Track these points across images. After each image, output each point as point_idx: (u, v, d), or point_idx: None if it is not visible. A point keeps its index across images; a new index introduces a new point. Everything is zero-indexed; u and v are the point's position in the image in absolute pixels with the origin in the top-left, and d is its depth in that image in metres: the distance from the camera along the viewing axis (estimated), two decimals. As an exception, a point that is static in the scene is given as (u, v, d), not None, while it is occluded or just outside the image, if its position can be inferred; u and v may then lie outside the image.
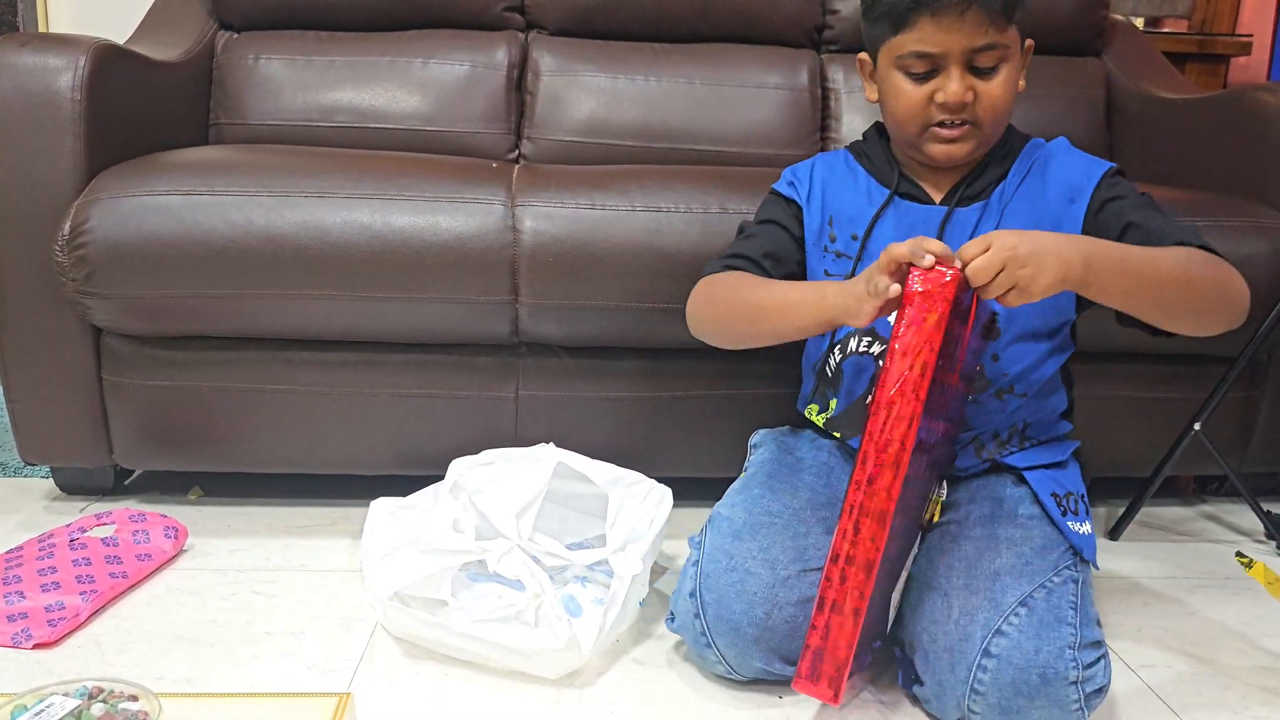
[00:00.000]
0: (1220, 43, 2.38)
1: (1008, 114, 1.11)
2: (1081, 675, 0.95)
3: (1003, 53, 1.07)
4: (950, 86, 1.06)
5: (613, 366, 1.46)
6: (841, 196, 1.20)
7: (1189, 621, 1.28)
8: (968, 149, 1.10)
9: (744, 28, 1.93)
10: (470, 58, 1.86)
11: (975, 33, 1.05)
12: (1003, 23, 1.06)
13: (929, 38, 1.06)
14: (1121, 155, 1.92)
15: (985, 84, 1.08)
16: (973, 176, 1.15)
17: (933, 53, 1.06)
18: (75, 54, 1.37)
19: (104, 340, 1.42)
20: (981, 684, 0.96)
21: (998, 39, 1.06)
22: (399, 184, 1.37)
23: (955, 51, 1.06)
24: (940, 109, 1.08)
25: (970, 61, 1.07)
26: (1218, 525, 1.59)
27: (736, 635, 1.05)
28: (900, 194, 1.17)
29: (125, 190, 1.34)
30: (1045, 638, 0.96)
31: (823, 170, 1.23)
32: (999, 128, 1.12)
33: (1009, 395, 1.14)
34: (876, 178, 1.19)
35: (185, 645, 1.15)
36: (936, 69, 1.07)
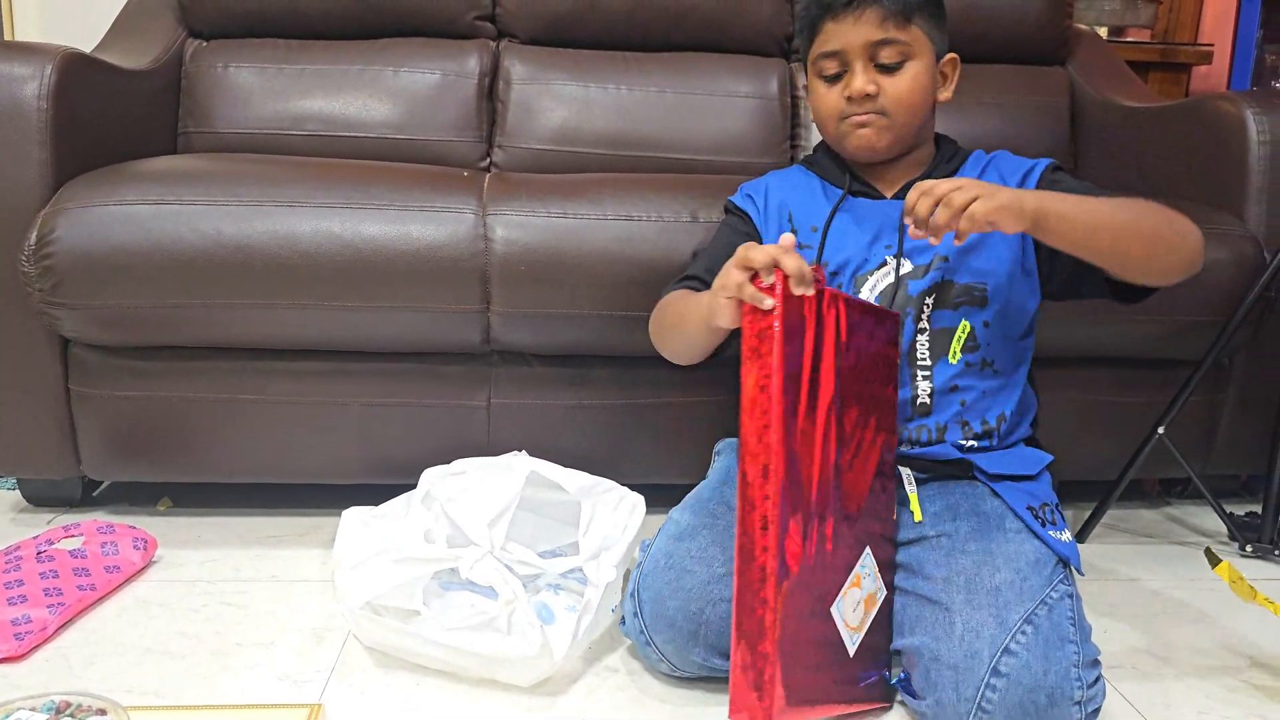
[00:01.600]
0: (1182, 52, 2.41)
1: (918, 109, 1.17)
2: (1085, 695, 0.97)
3: (904, 49, 1.15)
4: (855, 81, 1.15)
5: (585, 374, 1.46)
6: (797, 197, 1.26)
7: (1155, 623, 1.29)
8: (883, 140, 1.17)
9: (715, 36, 1.94)
10: (441, 66, 1.86)
11: (872, 29, 1.14)
12: (900, 21, 1.13)
13: (831, 39, 1.16)
14: (1086, 163, 1.95)
15: (889, 79, 1.15)
16: (923, 175, 1.20)
17: (836, 50, 1.16)
18: (42, 62, 1.36)
19: (71, 350, 1.41)
20: (989, 703, 0.96)
21: (896, 35, 1.14)
22: (370, 193, 1.37)
23: (855, 46, 1.15)
24: (849, 102, 1.16)
25: (874, 57, 1.15)
26: (1182, 527, 1.61)
27: (673, 631, 1.07)
28: (854, 192, 1.23)
29: (92, 200, 1.33)
30: (1053, 658, 0.97)
31: (777, 180, 1.30)
32: (910, 120, 1.18)
33: (989, 370, 1.17)
34: (830, 181, 1.25)
35: (154, 658, 1.14)
36: (845, 69, 1.16)
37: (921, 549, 1.11)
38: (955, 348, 1.16)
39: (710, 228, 1.38)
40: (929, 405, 1.15)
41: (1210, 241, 1.44)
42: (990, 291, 1.16)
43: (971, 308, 1.16)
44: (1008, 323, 1.18)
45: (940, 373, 1.16)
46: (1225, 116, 1.57)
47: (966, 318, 1.16)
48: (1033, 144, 1.93)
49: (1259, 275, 1.45)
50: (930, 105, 1.20)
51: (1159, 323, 1.45)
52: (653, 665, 1.13)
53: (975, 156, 1.25)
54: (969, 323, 1.16)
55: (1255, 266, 1.46)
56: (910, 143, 1.20)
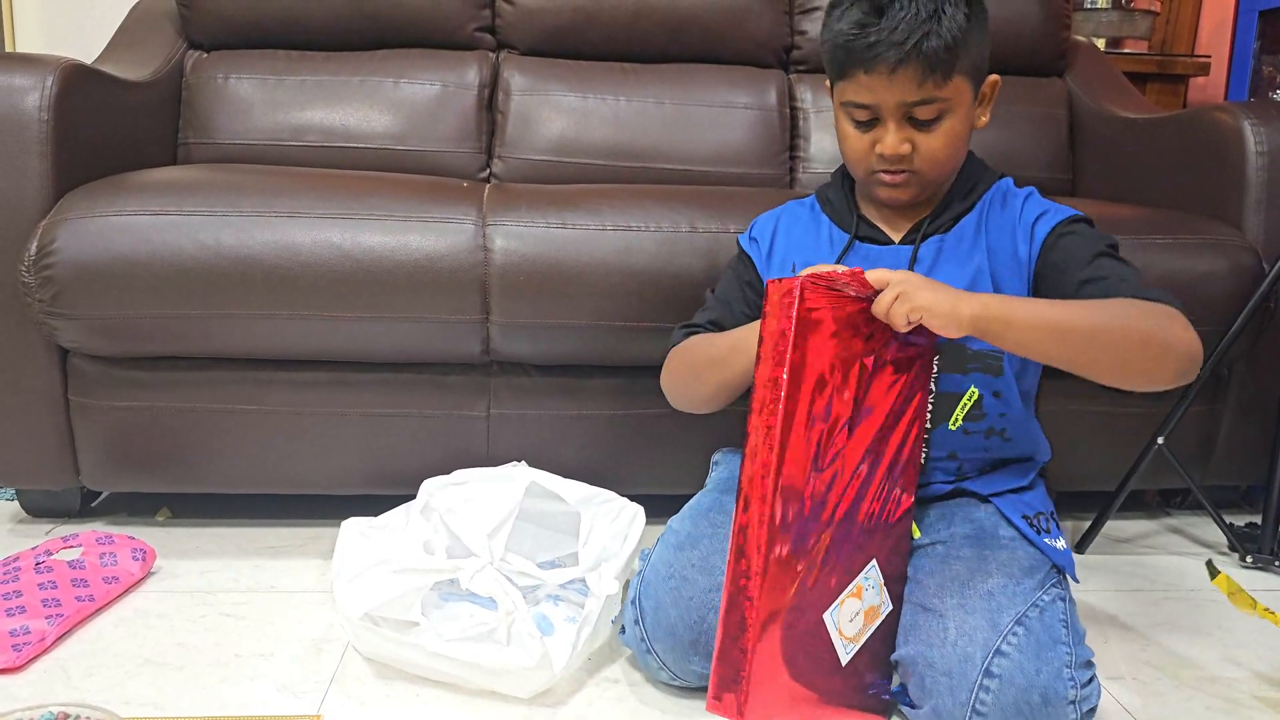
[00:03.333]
0: (1180, 63, 2.43)
1: (951, 163, 1.12)
2: (1079, 694, 0.97)
3: (942, 106, 1.06)
4: (886, 139, 1.08)
5: (584, 385, 1.46)
6: (803, 244, 1.21)
7: (1154, 635, 1.29)
8: (910, 194, 1.12)
9: (713, 48, 1.95)
10: (441, 77, 1.87)
11: (909, 89, 1.05)
12: (939, 79, 1.04)
13: (864, 91, 1.07)
14: (1084, 174, 1.95)
15: (925, 135, 1.08)
16: (934, 214, 1.15)
17: (868, 104, 1.08)
18: (43, 74, 1.37)
19: (71, 361, 1.41)
20: (984, 704, 0.96)
21: (934, 94, 1.05)
22: (370, 203, 1.38)
23: (889, 105, 1.06)
24: (880, 158, 1.10)
25: (908, 114, 1.07)
26: (1182, 538, 1.61)
27: (674, 640, 1.07)
28: (860, 237, 1.18)
29: (93, 210, 1.33)
30: (1044, 658, 0.97)
31: (788, 220, 1.25)
32: (943, 175, 1.13)
33: (995, 437, 1.15)
34: (837, 223, 1.20)
35: (153, 668, 1.14)
36: (876, 118, 1.09)
37: (918, 557, 1.11)
38: (958, 414, 1.13)
39: (709, 239, 1.39)
40: (922, 465, 1.12)
41: (1208, 251, 1.46)
42: (1005, 360, 1.12)
43: (984, 375, 1.12)
44: (1023, 385, 1.15)
45: (939, 439, 1.14)
46: (1223, 127, 1.57)
47: (976, 384, 1.13)
48: (1031, 155, 1.94)
49: (1258, 285, 1.45)
50: (966, 146, 1.14)
51: (1158, 333, 1.45)
52: (653, 674, 1.13)
53: (995, 193, 1.17)
54: (978, 390, 1.13)
55: (1254, 276, 1.46)
56: (940, 190, 1.16)
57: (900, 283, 0.97)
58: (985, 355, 1.12)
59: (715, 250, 1.38)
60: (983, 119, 1.14)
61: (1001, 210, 1.15)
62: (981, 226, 1.15)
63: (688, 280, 1.37)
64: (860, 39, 1.04)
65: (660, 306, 1.37)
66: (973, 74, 1.09)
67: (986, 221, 1.15)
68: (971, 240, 1.14)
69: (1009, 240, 1.14)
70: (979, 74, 1.10)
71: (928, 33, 1.02)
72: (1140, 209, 1.61)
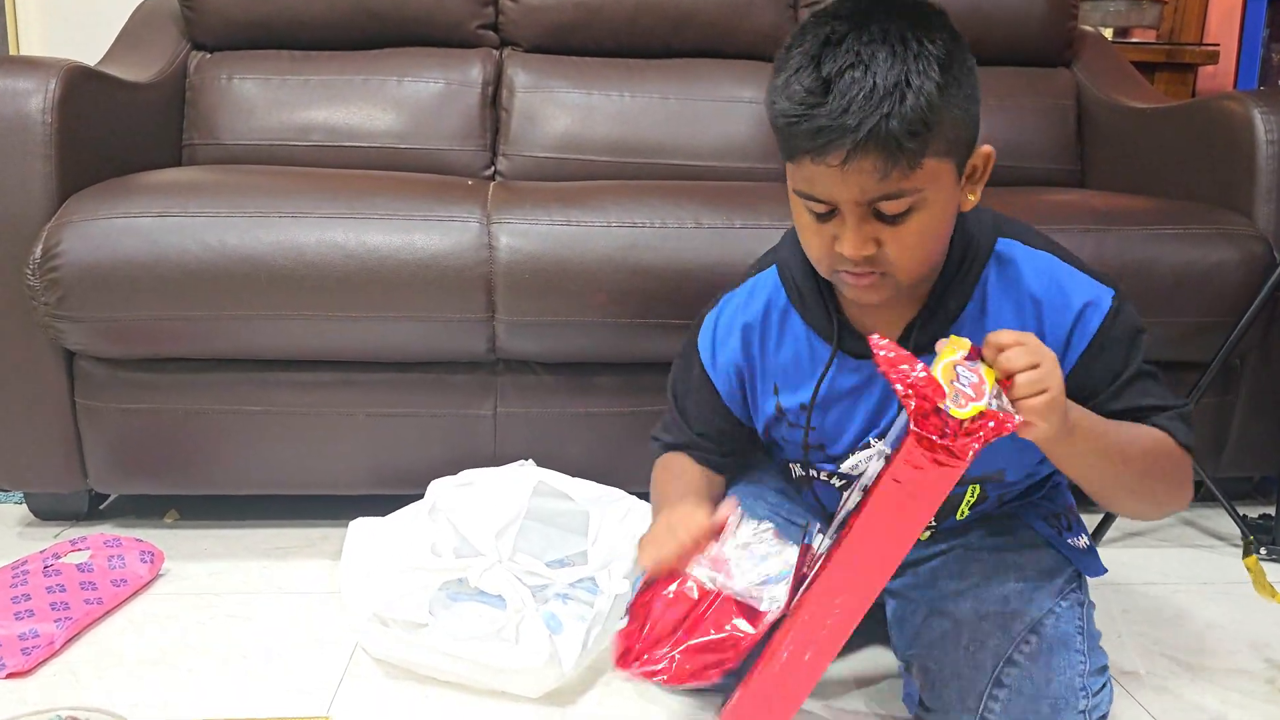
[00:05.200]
0: (1188, 52, 2.41)
1: (930, 260, 0.93)
2: (1089, 704, 0.96)
3: (913, 199, 0.85)
4: (845, 239, 0.87)
5: (591, 382, 1.45)
6: (783, 359, 1.05)
7: (1167, 627, 1.28)
8: (883, 296, 0.92)
9: (717, 42, 1.94)
10: (445, 75, 1.86)
11: (867, 183, 0.84)
12: (905, 168, 0.83)
13: (816, 181, 0.86)
14: (1092, 165, 1.94)
15: (894, 231, 0.87)
16: (927, 315, 0.97)
17: (821, 198, 0.87)
18: (46, 76, 1.36)
19: (77, 363, 1.41)
20: (992, 713, 0.96)
21: (900, 186, 0.84)
22: (374, 203, 1.37)
23: (845, 201, 0.86)
24: (840, 260, 0.90)
25: (873, 208, 0.86)
26: (1195, 530, 1.60)
27: None
28: (843, 349, 1.00)
29: (98, 213, 1.33)
30: (1056, 667, 0.96)
31: (757, 330, 1.06)
32: (919, 273, 0.92)
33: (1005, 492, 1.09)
34: (814, 327, 1.02)
35: (162, 670, 1.13)
36: (835, 210, 0.88)
37: (935, 561, 1.09)
38: (964, 508, 1.07)
39: (714, 234, 1.38)
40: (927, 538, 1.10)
41: (1219, 241, 1.45)
42: (1008, 474, 1.04)
43: (987, 484, 1.05)
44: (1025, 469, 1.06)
45: (948, 525, 1.09)
46: (1233, 116, 1.56)
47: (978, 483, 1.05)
48: (1039, 147, 1.93)
49: (1269, 275, 1.44)
50: (947, 237, 0.94)
51: (1168, 325, 1.44)
52: None
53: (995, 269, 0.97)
54: (979, 487, 1.05)
55: (1265, 266, 1.45)
56: (918, 286, 0.96)
57: (1046, 359, 0.82)
58: (986, 477, 1.03)
59: (720, 246, 1.37)
60: (970, 198, 0.92)
61: (1004, 306, 0.97)
62: (983, 321, 0.97)
63: (693, 276, 1.36)
64: (804, 122, 0.83)
65: (666, 302, 1.36)
66: (953, 152, 0.87)
67: (987, 311, 0.97)
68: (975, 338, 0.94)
69: None
70: (962, 149, 0.88)
71: (888, 114, 0.81)
72: (1150, 200, 1.59)
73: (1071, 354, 0.95)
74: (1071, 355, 0.95)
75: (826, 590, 0.87)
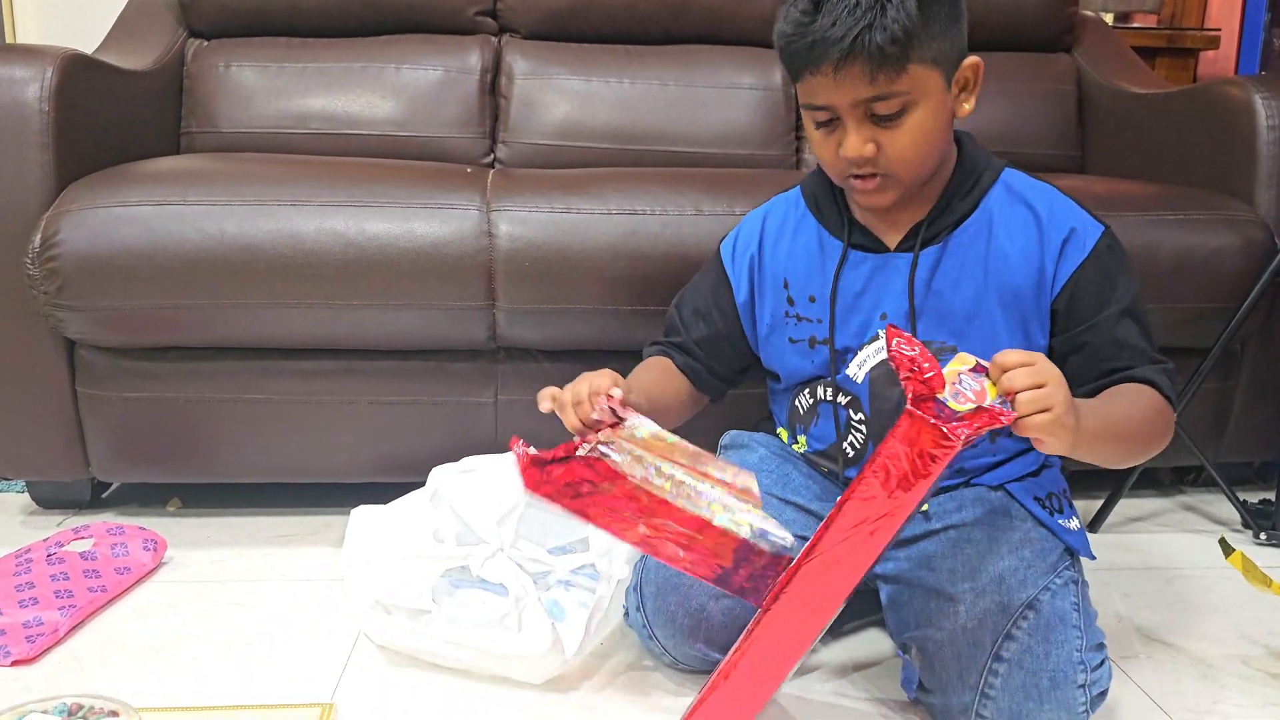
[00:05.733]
0: (1189, 37, 2.40)
1: (927, 160, 1.02)
2: (1089, 678, 0.96)
3: (904, 99, 0.96)
4: (847, 141, 0.99)
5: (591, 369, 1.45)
6: (794, 256, 1.14)
7: (1168, 612, 1.29)
8: (889, 198, 1.03)
9: (716, 28, 1.93)
10: (443, 62, 1.86)
11: (858, 86, 0.95)
12: (893, 69, 0.94)
13: (816, 92, 0.98)
14: (1093, 150, 1.93)
15: (890, 133, 0.98)
16: (932, 216, 1.06)
17: (823, 105, 0.99)
18: (43, 64, 1.36)
19: (78, 353, 1.41)
20: (992, 688, 0.96)
21: (889, 89, 0.95)
22: (373, 191, 1.37)
23: (842, 106, 0.97)
24: (845, 162, 1.01)
25: (868, 112, 0.97)
26: (1195, 515, 1.60)
27: (673, 626, 1.08)
28: (853, 245, 1.10)
29: (96, 201, 1.33)
30: (1054, 641, 0.96)
31: (774, 227, 1.16)
32: (920, 174, 1.03)
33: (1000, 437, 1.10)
34: (827, 228, 1.12)
35: (166, 659, 1.14)
36: (836, 118, 0.99)
37: (929, 542, 1.10)
38: None
39: (714, 221, 1.37)
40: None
41: (1220, 227, 1.45)
42: None
43: None
44: None
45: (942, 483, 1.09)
46: (1234, 101, 1.55)
47: None
48: (1039, 133, 1.92)
49: (1269, 261, 1.44)
50: (944, 140, 1.03)
51: (1169, 310, 1.43)
52: (657, 658, 1.13)
53: (1002, 189, 1.07)
54: None
55: (1265, 252, 1.45)
56: (924, 184, 1.05)
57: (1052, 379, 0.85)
58: None
59: (721, 233, 1.36)
60: (965, 106, 1.03)
61: (1010, 213, 1.06)
62: (987, 234, 1.06)
63: (694, 263, 1.35)
64: (799, 39, 0.96)
65: (666, 289, 1.35)
66: (938, 61, 0.97)
67: (993, 227, 1.06)
68: (976, 252, 1.06)
69: (1022, 262, 1.05)
70: (948, 59, 0.99)
71: (869, 25, 0.93)
72: (1151, 185, 1.59)
73: (1064, 269, 1.04)
74: (1064, 271, 1.04)
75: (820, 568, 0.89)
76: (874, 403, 1.09)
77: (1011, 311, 1.06)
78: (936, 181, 1.06)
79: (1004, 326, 1.06)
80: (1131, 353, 1.04)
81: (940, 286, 1.07)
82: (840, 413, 1.12)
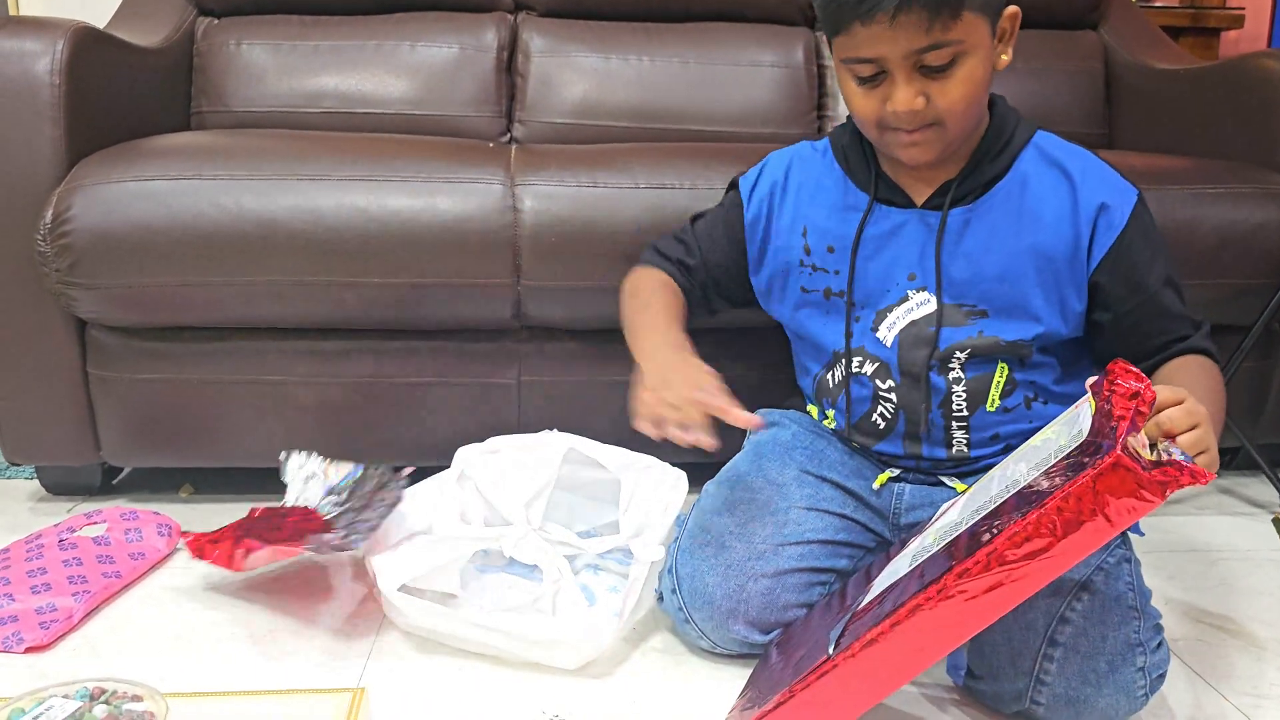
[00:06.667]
0: (1213, 16, 2.37)
1: (975, 111, 1.00)
2: (1148, 661, 0.92)
3: (956, 49, 0.94)
4: (897, 95, 0.96)
5: (617, 349, 1.39)
6: (816, 201, 1.11)
7: (1214, 594, 1.25)
8: (935, 153, 1.00)
9: (736, 5, 1.89)
10: (459, 40, 1.82)
11: (915, 36, 0.92)
12: (947, 18, 0.92)
13: (864, 44, 0.95)
14: (1120, 127, 1.90)
15: (940, 84, 0.95)
16: (963, 175, 1.04)
17: (871, 58, 0.95)
18: (54, 37, 1.32)
19: (89, 333, 1.37)
20: (1048, 674, 0.93)
21: (945, 37, 0.93)
22: (394, 165, 1.33)
23: (895, 57, 0.94)
24: (893, 117, 0.98)
25: (919, 63, 0.95)
26: (1233, 498, 1.56)
27: (712, 608, 1.05)
28: (879, 199, 1.08)
29: (109, 176, 1.29)
30: (1111, 623, 0.92)
31: (800, 170, 1.14)
32: (968, 126, 1.01)
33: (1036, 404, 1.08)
34: (854, 180, 1.10)
35: (185, 645, 1.10)
36: (882, 72, 0.96)
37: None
38: (994, 395, 1.05)
39: (745, 195, 1.33)
40: (966, 455, 1.08)
41: (1264, 201, 1.41)
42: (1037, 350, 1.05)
43: (1012, 359, 1.05)
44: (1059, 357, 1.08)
45: (978, 422, 1.07)
46: (1272, 74, 1.52)
47: (1005, 362, 1.05)
48: (1068, 108, 1.89)
49: (1312, 236, 1.40)
50: (988, 91, 1.01)
51: (1209, 286, 1.40)
52: (692, 642, 1.09)
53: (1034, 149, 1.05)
54: (1006, 365, 1.05)
55: (1308, 227, 1.41)
56: (965, 142, 1.03)
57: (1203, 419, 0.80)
58: (1018, 345, 1.04)
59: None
60: (1004, 58, 1.00)
61: (1042, 175, 1.04)
62: (1020, 195, 1.03)
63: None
64: None
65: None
66: (986, 8, 0.96)
67: (1025, 188, 1.03)
68: (1008, 213, 1.04)
69: (1054, 225, 1.02)
70: (994, 7, 0.97)
71: None
72: (1190, 159, 1.55)
73: (1103, 241, 1.02)
74: (1103, 242, 1.02)
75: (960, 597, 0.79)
76: (902, 367, 1.06)
77: (1046, 275, 1.03)
78: (970, 140, 1.04)
79: (1038, 290, 1.04)
80: (1179, 322, 1.04)
81: (970, 248, 1.04)
82: (867, 384, 1.09)
